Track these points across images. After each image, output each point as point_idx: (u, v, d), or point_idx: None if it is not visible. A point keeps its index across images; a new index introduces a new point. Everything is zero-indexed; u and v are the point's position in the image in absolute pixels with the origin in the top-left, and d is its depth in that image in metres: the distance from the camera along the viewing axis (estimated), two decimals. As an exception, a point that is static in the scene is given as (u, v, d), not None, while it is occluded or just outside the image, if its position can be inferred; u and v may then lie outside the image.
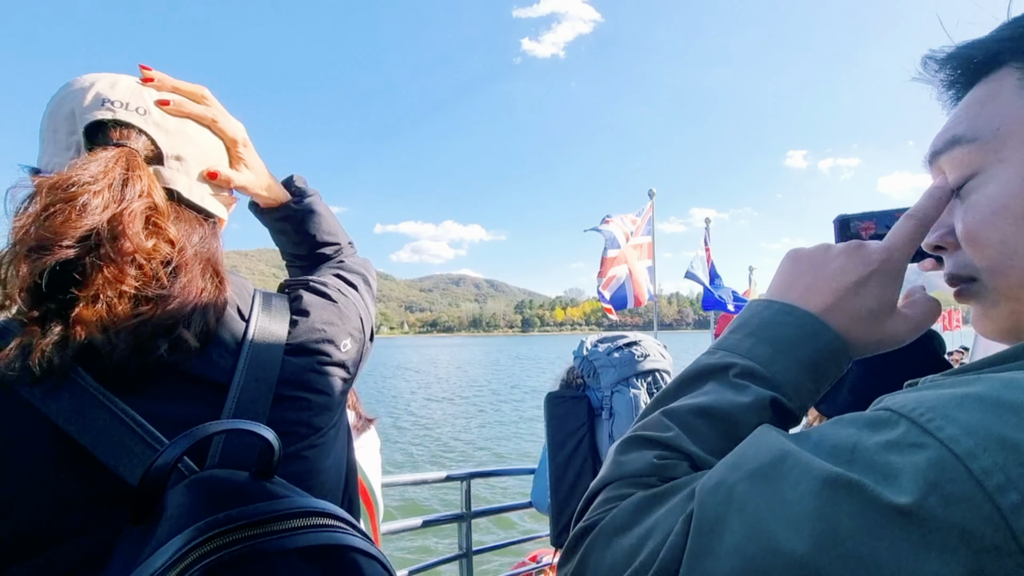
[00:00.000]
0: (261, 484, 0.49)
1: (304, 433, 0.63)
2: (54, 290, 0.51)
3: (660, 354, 1.86)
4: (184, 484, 0.47)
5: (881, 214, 0.61)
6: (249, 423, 0.49)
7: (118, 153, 0.58)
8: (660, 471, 0.43)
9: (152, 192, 0.59)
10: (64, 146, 0.59)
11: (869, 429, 0.34)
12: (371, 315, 0.81)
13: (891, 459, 0.31)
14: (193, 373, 0.57)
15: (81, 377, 0.51)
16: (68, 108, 0.59)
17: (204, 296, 0.60)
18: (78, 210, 0.53)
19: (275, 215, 0.86)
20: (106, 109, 0.59)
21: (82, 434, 0.48)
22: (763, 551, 0.32)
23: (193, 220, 0.64)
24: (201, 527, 0.41)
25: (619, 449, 0.46)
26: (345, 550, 0.45)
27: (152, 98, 0.62)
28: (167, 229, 0.59)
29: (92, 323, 0.51)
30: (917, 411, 0.33)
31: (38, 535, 0.47)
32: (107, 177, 0.55)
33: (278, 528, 0.43)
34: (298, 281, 0.75)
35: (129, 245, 0.55)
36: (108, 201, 0.55)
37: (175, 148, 0.63)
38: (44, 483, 0.48)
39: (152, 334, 0.54)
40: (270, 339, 0.63)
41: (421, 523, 2.64)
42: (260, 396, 0.59)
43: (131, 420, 0.50)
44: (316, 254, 0.89)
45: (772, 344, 0.46)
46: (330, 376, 0.68)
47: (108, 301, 0.53)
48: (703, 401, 0.45)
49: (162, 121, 0.62)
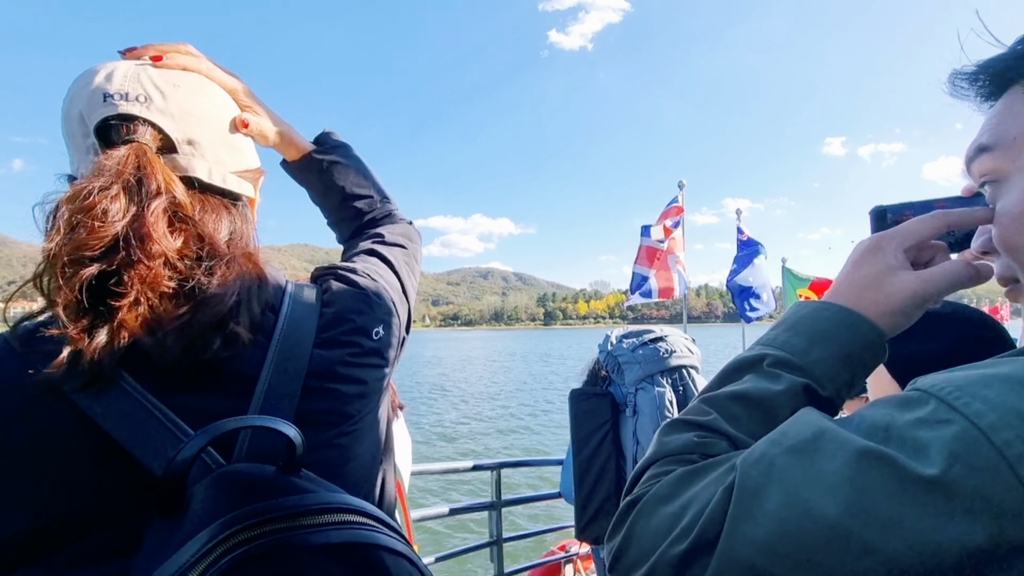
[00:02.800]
0: (287, 478, 0.49)
1: (335, 421, 0.62)
2: (96, 299, 0.52)
3: (687, 349, 1.83)
4: (210, 478, 0.47)
5: (919, 204, 0.60)
6: (271, 419, 0.49)
7: (127, 151, 0.56)
8: (700, 448, 0.47)
9: (171, 186, 0.57)
10: (84, 150, 0.58)
11: (901, 408, 0.37)
12: (408, 294, 0.78)
13: (920, 434, 0.33)
14: (224, 367, 0.57)
15: (122, 378, 0.52)
16: (77, 110, 0.58)
17: (245, 287, 0.59)
18: (99, 219, 0.52)
19: (298, 165, 0.84)
20: (108, 105, 0.57)
21: (118, 431, 0.50)
22: (799, 515, 0.34)
23: (219, 206, 0.62)
24: (227, 521, 0.41)
25: (663, 431, 0.51)
26: (372, 548, 0.44)
27: (150, 81, 0.59)
28: (194, 223, 0.58)
29: (137, 327, 0.52)
30: (945, 390, 0.35)
31: (80, 521, 0.49)
32: (121, 179, 0.54)
33: (304, 523, 0.43)
34: (327, 270, 0.73)
35: (157, 247, 0.54)
36: (127, 205, 0.54)
37: (185, 132, 0.60)
38: (85, 474, 0.50)
39: (201, 332, 0.54)
40: (299, 332, 0.62)
41: (452, 510, 2.70)
42: (289, 389, 0.58)
43: (163, 416, 0.51)
44: (346, 207, 0.86)
45: (808, 336, 0.49)
46: (363, 365, 0.66)
47: (149, 303, 0.53)
48: (739, 388, 0.49)
49: (166, 106, 0.59)
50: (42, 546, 0.48)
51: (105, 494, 0.50)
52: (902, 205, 0.61)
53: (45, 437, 0.50)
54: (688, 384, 1.77)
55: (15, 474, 0.48)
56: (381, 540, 0.45)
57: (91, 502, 0.50)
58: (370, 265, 0.76)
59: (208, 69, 0.65)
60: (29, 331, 0.53)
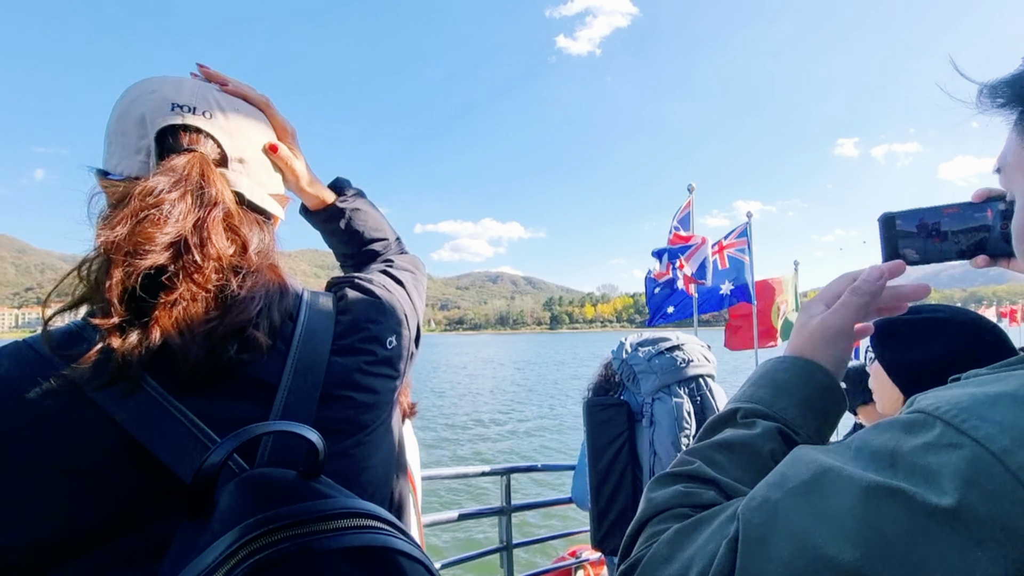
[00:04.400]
0: (308, 483, 0.50)
1: (351, 431, 0.64)
2: (145, 291, 0.53)
3: (704, 357, 1.80)
4: (234, 482, 0.48)
5: (928, 210, 0.61)
6: (294, 425, 0.50)
7: (191, 158, 0.59)
8: (688, 498, 0.47)
9: (225, 197, 0.61)
10: (134, 149, 0.60)
11: (905, 432, 0.35)
12: (418, 312, 0.81)
13: (929, 461, 0.32)
14: (246, 373, 0.58)
15: (145, 380, 0.52)
16: (138, 113, 0.60)
17: (269, 296, 0.62)
18: (164, 217, 0.55)
19: (323, 215, 0.89)
20: (175, 114, 0.61)
21: (144, 435, 0.50)
22: (813, 564, 0.32)
23: (254, 222, 0.66)
24: (251, 524, 0.42)
25: (649, 488, 0.52)
26: (388, 552, 0.45)
27: (215, 100, 0.64)
28: (242, 233, 0.62)
29: (169, 328, 0.53)
30: (951, 412, 0.33)
31: (107, 526, 0.49)
32: (187, 183, 0.57)
33: (323, 528, 0.44)
34: (343, 279, 0.76)
35: (214, 251, 0.57)
36: (190, 207, 0.57)
37: (238, 151, 0.65)
38: (110, 479, 0.50)
39: (224, 337, 0.56)
40: (316, 339, 0.64)
41: (462, 516, 2.69)
42: (307, 396, 0.60)
43: (188, 421, 0.52)
44: (366, 251, 0.91)
45: (771, 388, 0.54)
46: (376, 375, 0.68)
47: (185, 306, 0.54)
48: (718, 438, 0.51)
49: (226, 124, 0.64)
50: (68, 551, 0.48)
51: (132, 498, 0.51)
52: (910, 212, 0.61)
53: (71, 441, 0.50)
54: (705, 394, 1.74)
55: (39, 479, 0.48)
56: (398, 544, 0.46)
57: (117, 507, 0.50)
58: (384, 279, 0.79)
59: (267, 105, 0.72)
60: (61, 333, 0.54)
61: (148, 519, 0.51)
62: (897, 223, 0.62)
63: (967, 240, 0.58)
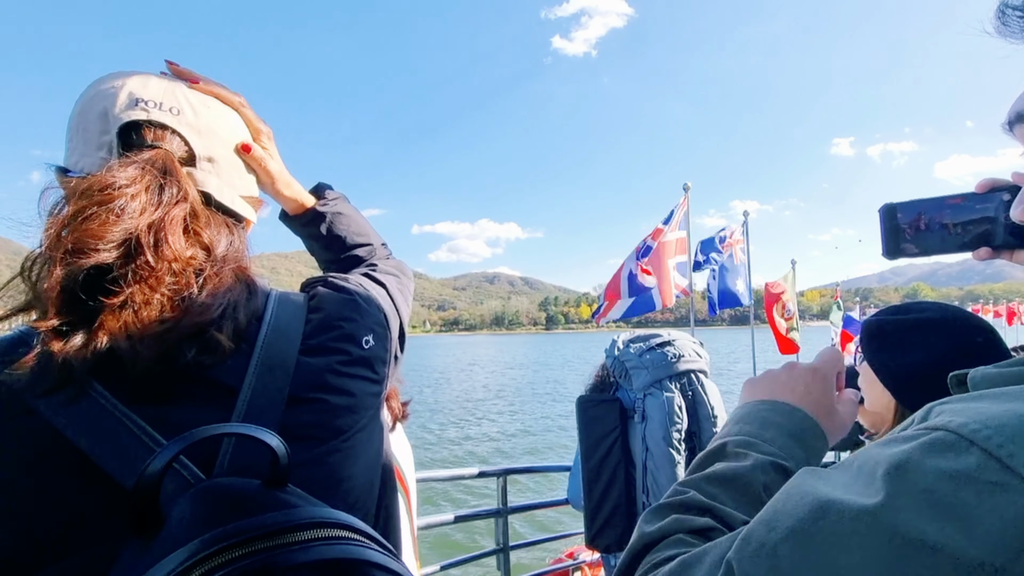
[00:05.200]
0: (273, 493, 0.46)
1: (324, 436, 0.60)
2: (87, 294, 0.50)
3: (696, 353, 1.81)
4: (189, 494, 0.45)
5: (930, 201, 0.59)
6: (251, 428, 0.46)
7: (154, 155, 0.57)
8: (681, 525, 0.45)
9: (189, 196, 0.58)
10: (95, 146, 0.58)
11: (925, 450, 0.29)
12: (401, 315, 0.78)
13: (965, 498, 0.26)
14: (205, 377, 0.55)
15: (92, 386, 0.49)
16: (100, 107, 0.58)
17: (233, 297, 0.59)
18: (115, 214, 0.52)
19: (303, 219, 0.86)
20: (140, 109, 0.58)
21: (88, 444, 0.47)
22: None
23: (223, 224, 0.63)
24: (207, 540, 0.38)
25: (643, 519, 0.50)
26: (361, 564, 0.41)
27: (183, 96, 0.62)
28: (203, 235, 0.59)
29: (117, 331, 0.50)
30: (993, 439, 0.27)
31: (52, 544, 0.45)
32: (144, 180, 0.54)
33: (288, 541, 0.40)
34: (317, 278, 0.73)
35: (170, 252, 0.54)
36: (146, 205, 0.54)
37: (207, 149, 0.63)
38: (55, 494, 0.47)
39: (178, 340, 0.53)
40: (283, 339, 0.61)
41: (458, 518, 2.68)
42: (272, 399, 0.56)
43: (138, 428, 0.49)
44: (348, 256, 0.88)
45: (756, 424, 0.54)
46: (351, 376, 0.64)
47: (135, 309, 0.51)
48: (709, 471, 0.50)
49: (194, 121, 0.62)
50: (12, 572, 0.45)
51: (78, 515, 0.47)
52: (912, 202, 0.60)
53: (11, 452, 0.47)
54: (697, 389, 1.75)
55: None
56: (372, 556, 0.42)
57: (62, 525, 0.46)
58: (363, 280, 0.75)
59: (240, 104, 0.69)
60: (6, 340, 0.51)
61: (96, 537, 0.47)
62: (898, 214, 0.60)
63: (970, 232, 0.57)
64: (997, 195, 0.56)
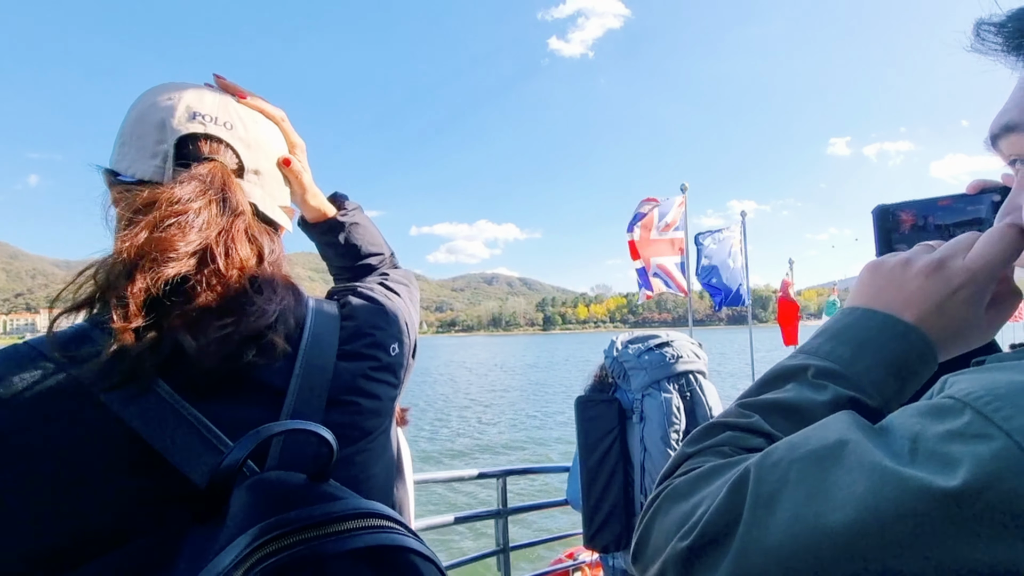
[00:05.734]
0: (318, 486, 0.50)
1: (355, 437, 0.64)
2: (167, 297, 0.54)
3: (694, 354, 1.81)
4: (246, 485, 0.48)
5: (922, 203, 0.59)
6: (311, 424, 0.50)
7: (213, 168, 0.61)
8: (734, 441, 0.45)
9: (247, 208, 0.62)
10: (150, 153, 0.61)
11: (932, 417, 0.33)
12: (414, 322, 0.82)
13: (951, 448, 0.30)
14: (255, 378, 0.58)
15: (157, 383, 0.52)
16: (158, 117, 0.61)
17: (285, 304, 0.62)
18: (189, 225, 0.56)
19: (323, 228, 0.90)
20: (198, 123, 0.62)
21: (155, 438, 0.50)
22: (810, 529, 0.33)
23: (264, 232, 0.67)
24: (264, 527, 0.42)
25: (698, 430, 0.49)
26: (401, 551, 0.45)
27: (235, 111, 0.66)
28: (259, 242, 0.63)
29: (185, 333, 0.53)
30: (983, 399, 0.31)
31: (116, 529, 0.48)
32: (209, 193, 0.58)
33: (335, 530, 0.44)
34: (346, 287, 0.77)
35: (238, 259, 0.58)
36: (214, 216, 0.58)
37: (255, 162, 0.66)
38: (118, 483, 0.49)
39: (240, 342, 0.56)
40: (323, 344, 0.64)
41: (458, 519, 2.68)
42: (315, 401, 0.60)
43: (199, 424, 0.52)
44: (361, 265, 0.92)
45: (853, 345, 0.46)
46: (380, 381, 0.69)
47: (203, 311, 0.55)
48: (780, 396, 0.46)
49: (245, 135, 0.65)
50: (74, 558, 0.47)
51: (140, 503, 0.50)
52: (904, 204, 0.60)
53: (76, 444, 0.49)
54: (696, 390, 1.75)
55: (43, 483, 0.47)
56: (410, 543, 0.46)
57: (126, 511, 0.49)
58: (385, 290, 0.80)
59: (281, 119, 0.73)
60: (67, 334, 0.54)
61: (157, 524, 0.50)
62: (891, 216, 0.61)
63: (961, 233, 0.56)
64: (987, 196, 0.56)
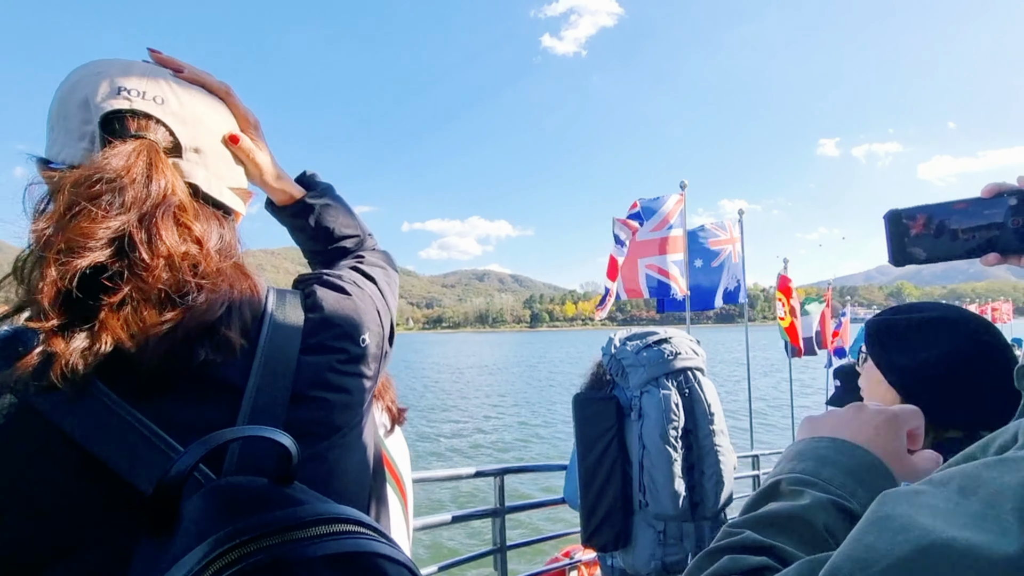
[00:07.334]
0: (281, 490, 0.47)
1: (324, 433, 0.61)
2: (84, 293, 0.49)
3: (692, 351, 1.81)
4: (200, 493, 0.45)
5: (936, 207, 0.59)
6: (266, 429, 0.47)
7: (139, 145, 0.55)
8: (736, 564, 0.42)
9: (177, 188, 0.56)
10: (77, 136, 0.56)
11: None
12: (391, 309, 0.77)
13: None
14: (211, 376, 0.54)
15: (95, 386, 0.49)
16: (80, 96, 0.56)
17: (236, 295, 0.58)
18: (103, 209, 0.50)
19: (291, 210, 0.85)
20: (123, 98, 0.56)
21: (96, 445, 0.47)
22: None
23: (212, 216, 0.62)
24: (221, 538, 0.39)
25: (693, 565, 0.46)
26: (371, 556, 0.43)
27: (168, 85, 0.60)
28: (194, 228, 0.57)
29: (120, 330, 0.49)
30: None
31: (59, 544, 0.46)
32: (130, 172, 0.53)
33: (300, 536, 0.41)
34: (311, 276, 0.71)
35: (163, 247, 0.52)
36: (134, 199, 0.52)
37: (193, 140, 0.61)
38: (62, 494, 0.47)
39: (185, 338, 0.52)
40: (284, 337, 0.60)
41: (455, 518, 2.67)
42: (276, 398, 0.56)
43: (145, 428, 0.49)
44: (335, 248, 0.87)
45: (814, 460, 0.49)
46: (349, 373, 0.65)
47: (135, 306, 0.50)
48: (762, 512, 0.46)
49: (180, 111, 0.59)
50: (18, 571, 0.44)
51: (86, 514, 0.47)
52: (918, 208, 0.60)
53: (12, 453, 0.46)
54: (694, 387, 1.75)
55: None
56: (380, 548, 0.44)
57: (70, 524, 0.46)
58: (355, 275, 0.75)
59: (227, 93, 0.67)
60: (1, 338, 0.50)
61: (105, 536, 0.47)
62: (903, 220, 0.60)
63: (977, 237, 0.57)
64: (1004, 199, 0.56)
